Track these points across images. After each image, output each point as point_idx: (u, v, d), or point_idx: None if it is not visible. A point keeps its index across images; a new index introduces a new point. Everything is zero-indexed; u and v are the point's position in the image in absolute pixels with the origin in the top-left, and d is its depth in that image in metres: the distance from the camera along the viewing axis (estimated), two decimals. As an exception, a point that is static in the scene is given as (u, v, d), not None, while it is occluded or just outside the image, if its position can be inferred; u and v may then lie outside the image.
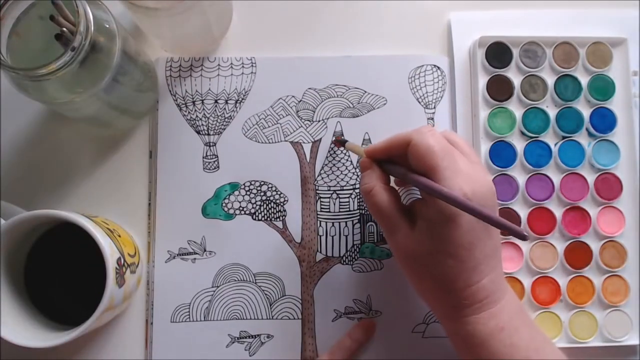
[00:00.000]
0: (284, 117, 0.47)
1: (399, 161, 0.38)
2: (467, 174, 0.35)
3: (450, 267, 0.35)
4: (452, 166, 0.34)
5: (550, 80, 0.47)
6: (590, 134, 0.47)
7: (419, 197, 0.39)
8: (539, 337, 0.37)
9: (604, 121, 0.47)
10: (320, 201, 0.46)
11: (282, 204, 0.46)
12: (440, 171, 0.34)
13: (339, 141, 0.45)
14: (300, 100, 0.47)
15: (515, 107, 0.47)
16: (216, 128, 0.46)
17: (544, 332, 0.38)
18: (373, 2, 0.49)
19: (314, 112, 0.47)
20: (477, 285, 0.35)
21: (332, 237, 0.45)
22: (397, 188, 0.42)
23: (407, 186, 0.44)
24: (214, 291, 0.44)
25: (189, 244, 0.45)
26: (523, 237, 0.31)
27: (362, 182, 0.39)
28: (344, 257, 0.45)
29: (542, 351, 0.36)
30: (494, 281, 0.35)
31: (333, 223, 0.46)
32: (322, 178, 0.45)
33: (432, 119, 0.47)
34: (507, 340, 0.35)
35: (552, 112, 0.47)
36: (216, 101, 0.47)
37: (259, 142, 0.46)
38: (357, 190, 0.46)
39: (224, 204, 0.45)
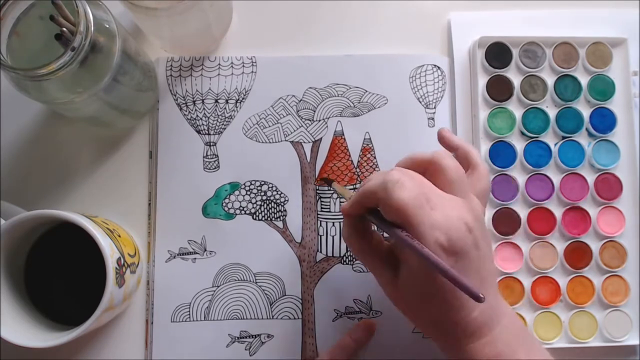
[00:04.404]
0: (284, 116, 0.47)
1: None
2: (442, 222, 0.33)
3: (437, 308, 0.34)
4: (427, 220, 0.33)
5: (550, 80, 0.47)
6: (590, 134, 0.47)
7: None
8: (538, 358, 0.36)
9: (604, 121, 0.47)
10: (321, 201, 0.46)
11: (282, 204, 0.46)
12: (415, 227, 0.33)
13: (325, 180, 0.44)
14: (301, 100, 0.47)
15: (515, 107, 0.47)
16: (216, 128, 0.46)
17: (547, 353, 0.37)
18: (373, 2, 0.49)
19: (315, 111, 0.47)
20: (467, 320, 0.34)
21: (333, 237, 0.45)
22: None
23: None
24: (214, 291, 0.44)
25: (189, 243, 0.45)
26: (478, 299, 0.31)
27: (342, 229, 0.39)
28: (345, 257, 0.45)
29: None
30: (484, 312, 0.35)
31: (333, 223, 0.45)
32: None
33: (433, 118, 0.47)
34: None
35: (552, 112, 0.47)
36: (216, 101, 0.46)
37: (259, 141, 0.46)
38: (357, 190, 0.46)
39: (224, 204, 0.45)
